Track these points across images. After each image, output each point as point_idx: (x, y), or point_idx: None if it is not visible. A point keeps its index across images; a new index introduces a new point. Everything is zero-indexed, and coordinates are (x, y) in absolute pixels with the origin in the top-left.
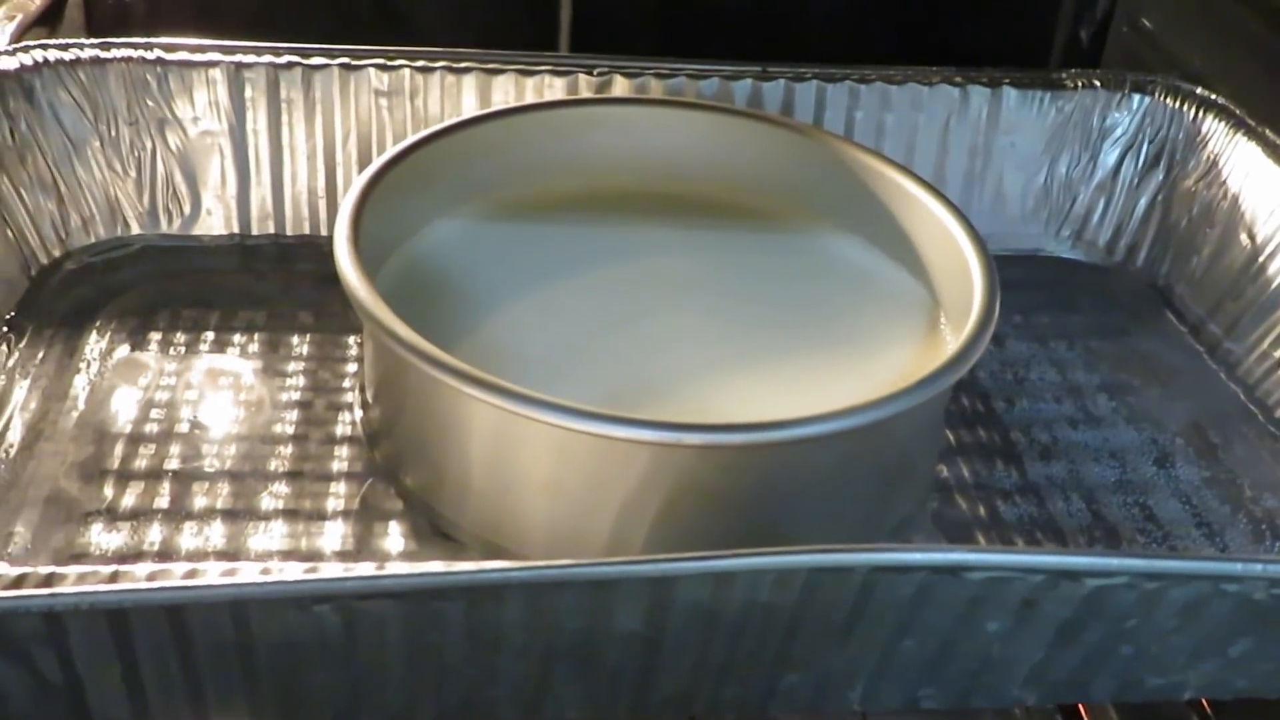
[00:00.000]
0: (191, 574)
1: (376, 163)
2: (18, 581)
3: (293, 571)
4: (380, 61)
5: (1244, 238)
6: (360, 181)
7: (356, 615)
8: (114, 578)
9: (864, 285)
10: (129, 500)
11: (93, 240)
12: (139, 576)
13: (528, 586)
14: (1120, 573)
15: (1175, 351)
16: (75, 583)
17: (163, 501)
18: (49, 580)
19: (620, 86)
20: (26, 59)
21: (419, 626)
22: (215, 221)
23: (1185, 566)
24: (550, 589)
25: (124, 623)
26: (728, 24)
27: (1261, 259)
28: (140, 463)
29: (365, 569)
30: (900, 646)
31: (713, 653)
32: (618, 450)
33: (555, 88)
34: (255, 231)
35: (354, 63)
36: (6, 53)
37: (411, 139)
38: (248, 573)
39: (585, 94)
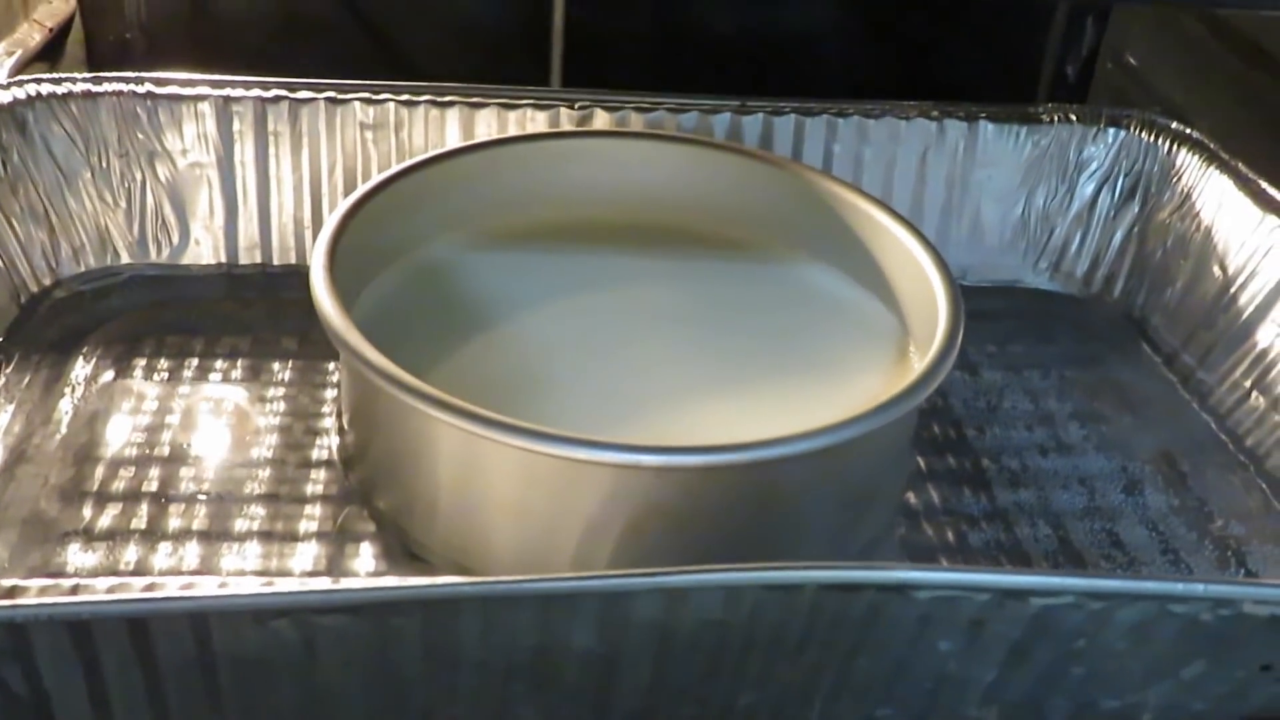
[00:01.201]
0: (151, 587)
1: (359, 190)
2: None
3: (249, 585)
4: (366, 95)
5: (1216, 269)
6: (342, 208)
7: (315, 631)
8: (75, 591)
9: (837, 314)
10: (106, 521)
11: (83, 269)
12: (100, 589)
13: (482, 600)
14: (1063, 592)
15: (1149, 381)
16: (37, 595)
17: (139, 522)
18: (12, 593)
19: (601, 120)
20: (20, 93)
21: (377, 643)
22: (203, 251)
23: (1127, 586)
24: (503, 604)
25: (86, 635)
26: (717, 61)
27: (1233, 290)
28: (119, 485)
29: (320, 583)
30: (855, 665)
31: (669, 671)
32: (580, 472)
33: (538, 121)
34: (242, 261)
35: (340, 96)
36: (1, 86)
37: (393, 169)
38: (206, 586)
39: (566, 127)
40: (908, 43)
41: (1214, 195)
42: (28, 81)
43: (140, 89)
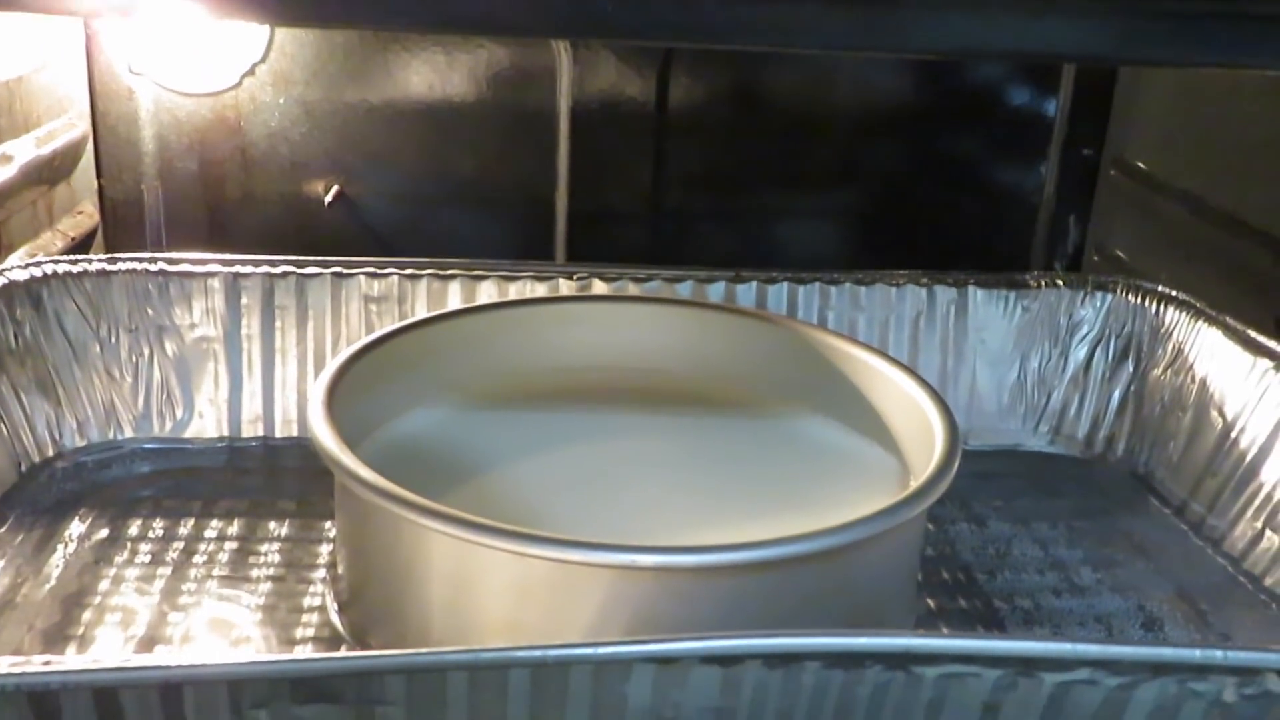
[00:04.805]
0: (126, 661)
1: (356, 344)
2: None
3: (224, 656)
4: (371, 270)
5: (1215, 415)
6: (341, 356)
7: None
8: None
9: (837, 460)
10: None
11: (85, 443)
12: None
13: (469, 669)
14: (1077, 661)
15: (1160, 530)
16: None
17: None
18: None
19: (599, 290)
20: (37, 271)
21: None
22: (206, 424)
23: (1141, 653)
24: (492, 672)
25: (55, 709)
26: (716, 257)
27: (1234, 434)
28: (104, 629)
29: (301, 653)
30: None
31: None
32: (576, 580)
33: (538, 292)
34: (245, 434)
35: (346, 271)
36: (20, 266)
37: (391, 327)
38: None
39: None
40: (897, 240)
41: (1205, 347)
42: (45, 262)
43: (153, 267)
